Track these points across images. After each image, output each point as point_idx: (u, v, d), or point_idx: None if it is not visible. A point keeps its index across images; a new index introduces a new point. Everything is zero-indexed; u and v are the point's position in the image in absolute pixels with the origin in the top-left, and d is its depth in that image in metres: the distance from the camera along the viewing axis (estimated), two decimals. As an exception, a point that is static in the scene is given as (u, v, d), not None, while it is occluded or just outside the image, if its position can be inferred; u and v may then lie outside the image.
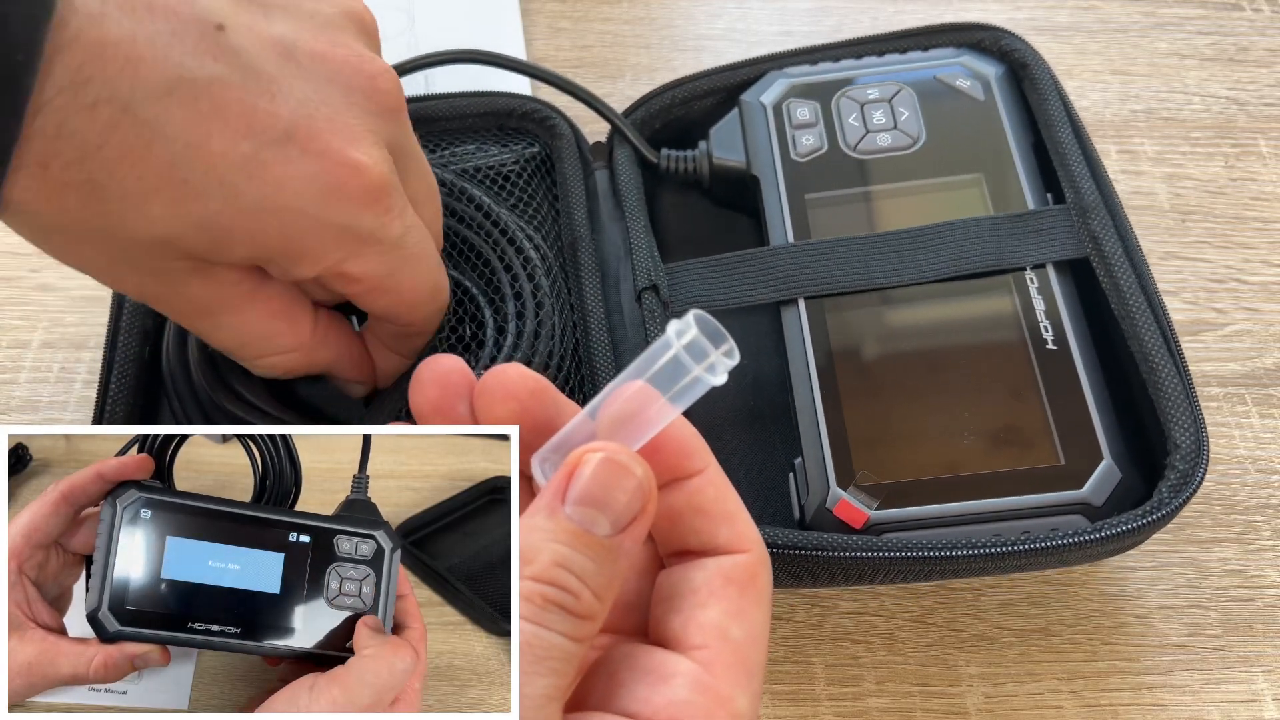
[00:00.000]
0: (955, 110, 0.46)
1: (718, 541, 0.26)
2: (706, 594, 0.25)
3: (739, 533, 0.26)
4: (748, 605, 0.25)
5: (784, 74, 0.48)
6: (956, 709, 0.39)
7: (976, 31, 0.48)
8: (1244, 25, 0.59)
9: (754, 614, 0.25)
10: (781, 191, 0.45)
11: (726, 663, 0.24)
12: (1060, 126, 0.45)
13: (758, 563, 0.26)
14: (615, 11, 0.60)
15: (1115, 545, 0.36)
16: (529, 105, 0.48)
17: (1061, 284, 0.41)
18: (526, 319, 0.41)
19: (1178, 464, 0.36)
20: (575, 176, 0.46)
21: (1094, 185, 0.43)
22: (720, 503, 0.26)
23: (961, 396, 0.39)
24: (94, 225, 0.28)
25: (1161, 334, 0.39)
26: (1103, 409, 0.38)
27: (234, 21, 0.28)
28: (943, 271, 0.41)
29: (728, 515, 0.26)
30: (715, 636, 0.25)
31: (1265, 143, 0.54)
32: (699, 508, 0.26)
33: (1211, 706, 0.39)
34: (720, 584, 0.25)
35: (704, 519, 0.26)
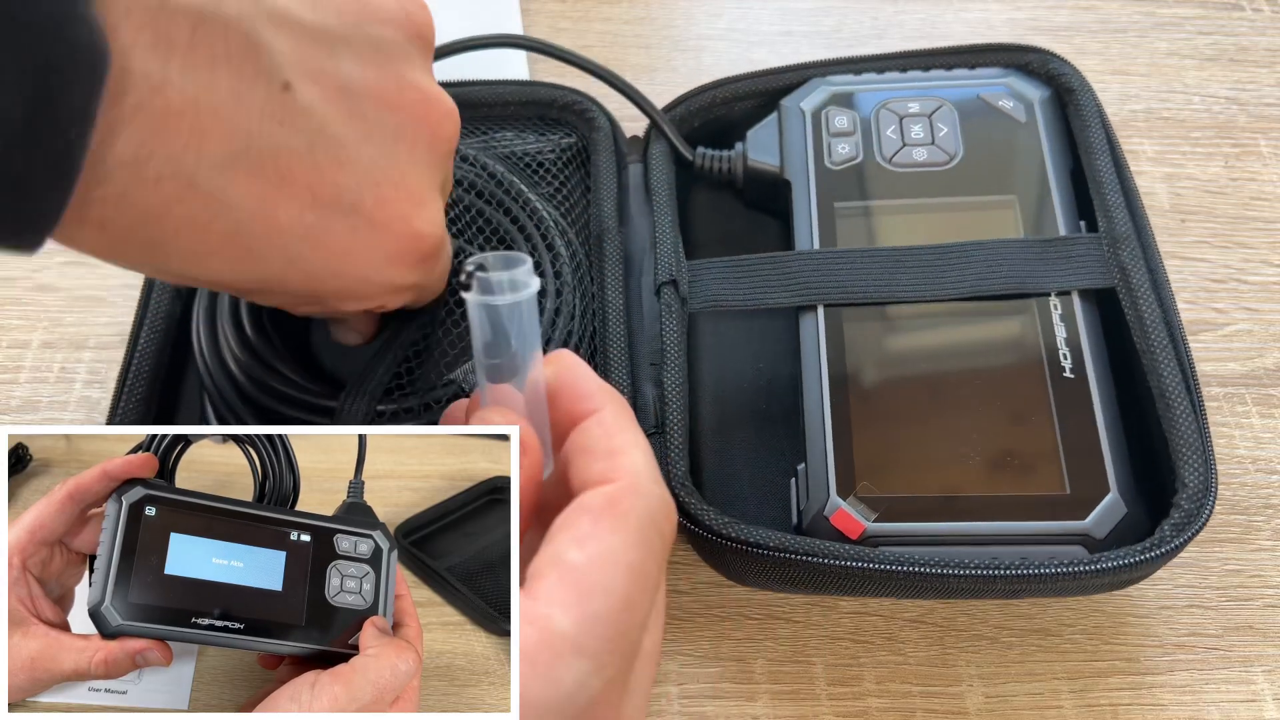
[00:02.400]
0: (995, 130, 0.46)
1: (590, 476, 0.25)
2: (557, 528, 0.25)
3: (615, 465, 0.25)
4: (599, 530, 0.24)
5: (826, 81, 0.48)
6: (956, 709, 0.39)
7: (1025, 53, 0.48)
8: (1244, 25, 0.59)
9: (605, 538, 0.24)
10: (812, 197, 0.45)
11: (551, 584, 0.23)
12: (1100, 154, 0.44)
13: (624, 490, 0.25)
14: (615, 11, 0.60)
15: (1112, 579, 0.36)
16: (570, 97, 0.48)
17: (1085, 312, 0.41)
18: (548, 298, 0.41)
19: (1183, 503, 0.36)
20: (609, 169, 0.47)
21: (1128, 216, 0.43)
22: (605, 439, 0.26)
23: (972, 417, 0.38)
24: (151, 266, 0.29)
25: (1182, 372, 0.39)
26: (1114, 442, 0.38)
27: (300, 73, 0.27)
28: (966, 291, 0.41)
29: (609, 451, 0.26)
30: (549, 564, 0.24)
31: (1265, 143, 0.54)
32: (583, 447, 0.26)
33: (1211, 706, 0.39)
34: (573, 516, 0.25)
35: (586, 457, 0.26)
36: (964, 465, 0.37)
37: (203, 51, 0.24)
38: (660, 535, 0.25)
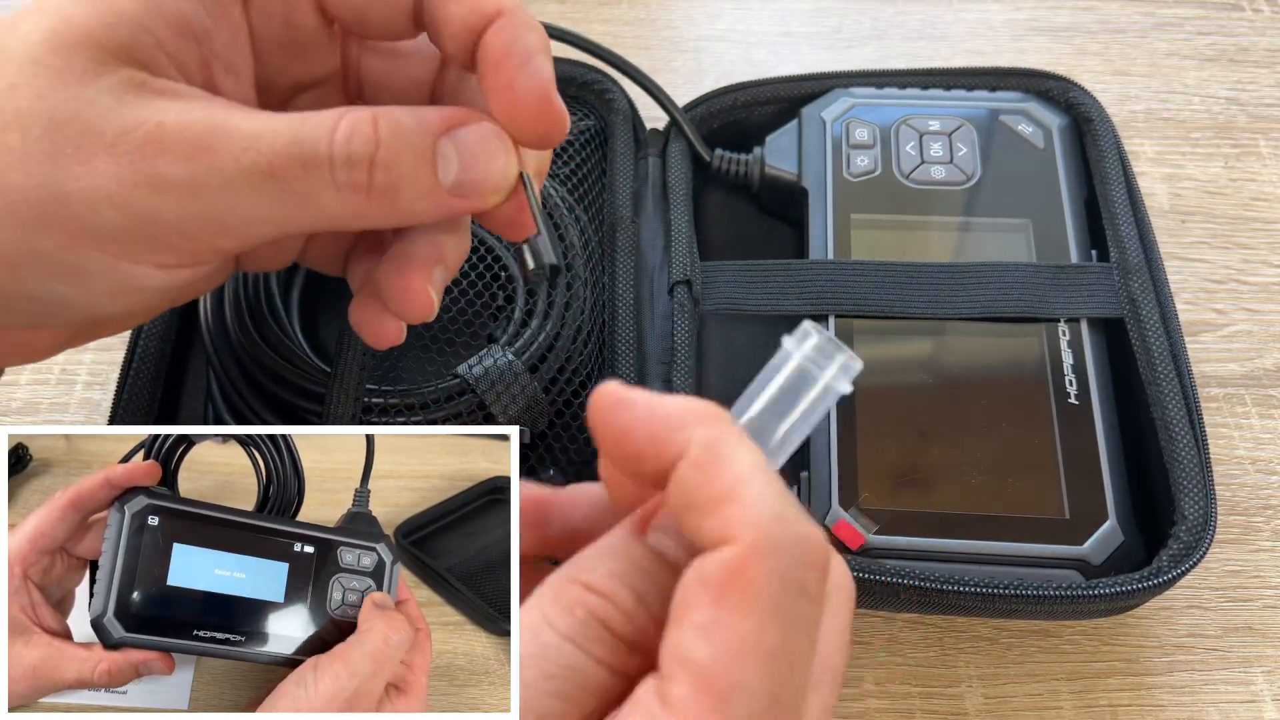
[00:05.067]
0: (1013, 154, 0.46)
1: (704, 538, 0.20)
2: (679, 608, 0.20)
3: (728, 518, 0.20)
4: (724, 614, 0.19)
5: (849, 93, 0.48)
6: (956, 710, 0.39)
7: (1046, 80, 0.48)
8: (1244, 25, 0.59)
9: (734, 624, 0.19)
10: (828, 207, 0.45)
11: (684, 694, 0.19)
12: (1115, 185, 0.45)
13: (746, 554, 0.19)
14: (615, 12, 0.60)
15: (1108, 606, 0.36)
16: (589, 75, 0.48)
17: (1093, 340, 0.41)
18: (558, 288, 0.41)
19: (1182, 535, 0.37)
20: (626, 155, 0.46)
21: (1140, 248, 0.43)
22: (705, 487, 0.20)
23: (976, 436, 0.39)
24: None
25: (1186, 405, 0.39)
26: (1114, 469, 0.38)
27: None
28: (978, 311, 0.41)
29: (713, 501, 0.20)
30: (675, 661, 0.19)
31: (1265, 143, 0.54)
32: (685, 502, 0.21)
33: (1210, 707, 0.39)
34: (694, 592, 0.20)
35: (692, 515, 0.20)
36: (965, 484, 0.38)
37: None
38: (805, 593, 0.20)
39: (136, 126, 0.24)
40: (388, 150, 0.25)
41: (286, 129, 0.24)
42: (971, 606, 0.36)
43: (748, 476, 0.20)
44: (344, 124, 0.25)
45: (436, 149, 0.26)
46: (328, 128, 0.25)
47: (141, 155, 0.24)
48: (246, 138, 0.24)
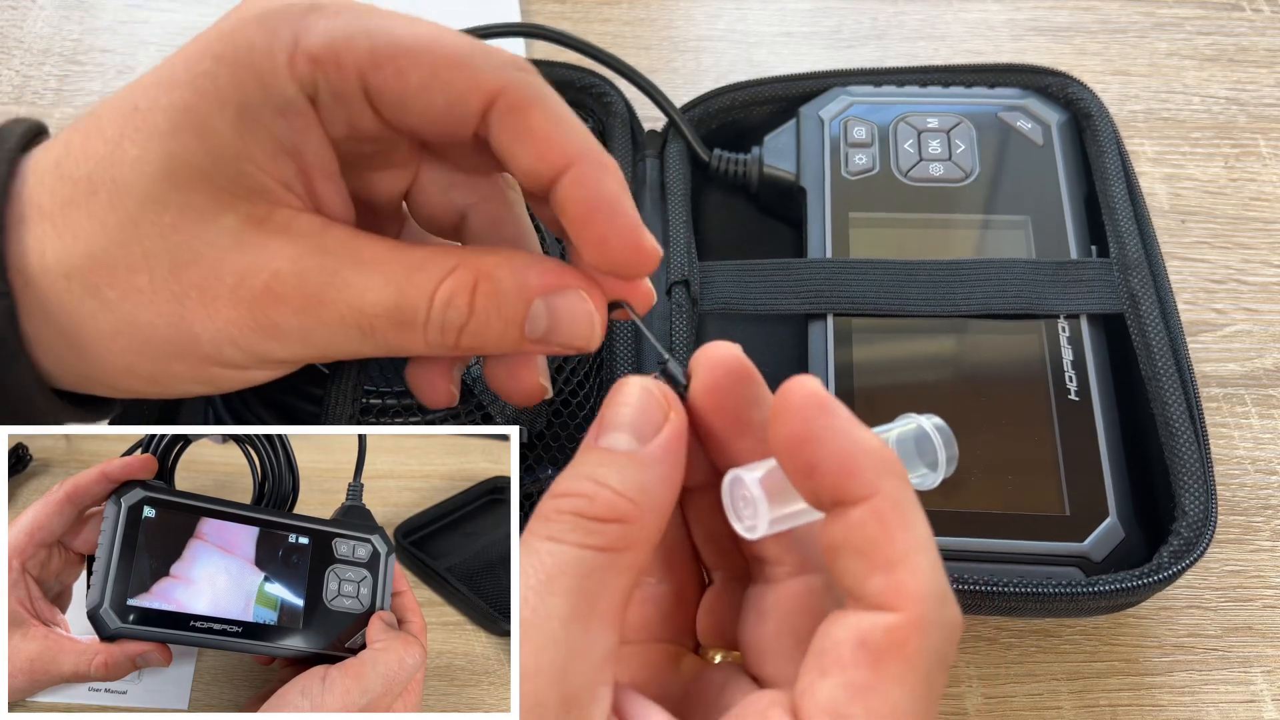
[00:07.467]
0: (1012, 151, 0.46)
1: (866, 592, 0.21)
2: (833, 660, 0.21)
3: (896, 584, 0.21)
4: (881, 680, 0.20)
5: (847, 92, 0.48)
6: (956, 710, 0.39)
7: (1045, 76, 0.48)
8: (1244, 25, 0.59)
9: (889, 692, 0.20)
10: (826, 206, 0.45)
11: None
12: (1115, 181, 0.45)
13: (909, 627, 0.21)
14: (615, 12, 0.60)
15: (1109, 602, 0.36)
16: (587, 79, 0.48)
17: (1093, 336, 0.41)
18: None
19: (1183, 531, 0.36)
20: (624, 157, 0.46)
21: (1140, 243, 0.43)
22: (880, 545, 0.21)
23: (975, 434, 0.39)
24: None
25: (1186, 401, 0.39)
26: (1115, 466, 0.38)
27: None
28: (976, 308, 0.41)
29: (886, 562, 0.21)
30: (824, 713, 0.21)
31: (1265, 143, 0.54)
32: (856, 547, 0.21)
33: (1210, 707, 0.39)
34: (851, 650, 0.21)
35: (859, 561, 0.21)
36: (965, 481, 0.38)
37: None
38: (945, 670, 0.22)
39: (254, 274, 0.26)
40: (480, 318, 0.26)
41: (391, 293, 0.26)
42: (972, 604, 0.36)
43: (923, 547, 0.21)
44: (443, 290, 0.26)
45: (529, 309, 0.27)
46: (427, 293, 0.26)
47: (259, 305, 0.26)
48: (353, 299, 0.26)
